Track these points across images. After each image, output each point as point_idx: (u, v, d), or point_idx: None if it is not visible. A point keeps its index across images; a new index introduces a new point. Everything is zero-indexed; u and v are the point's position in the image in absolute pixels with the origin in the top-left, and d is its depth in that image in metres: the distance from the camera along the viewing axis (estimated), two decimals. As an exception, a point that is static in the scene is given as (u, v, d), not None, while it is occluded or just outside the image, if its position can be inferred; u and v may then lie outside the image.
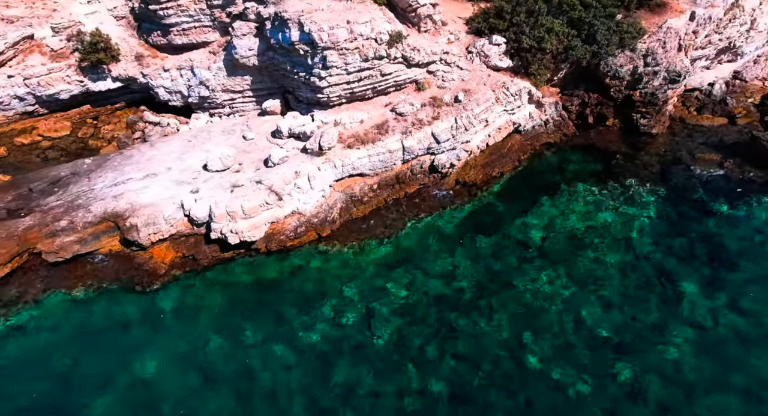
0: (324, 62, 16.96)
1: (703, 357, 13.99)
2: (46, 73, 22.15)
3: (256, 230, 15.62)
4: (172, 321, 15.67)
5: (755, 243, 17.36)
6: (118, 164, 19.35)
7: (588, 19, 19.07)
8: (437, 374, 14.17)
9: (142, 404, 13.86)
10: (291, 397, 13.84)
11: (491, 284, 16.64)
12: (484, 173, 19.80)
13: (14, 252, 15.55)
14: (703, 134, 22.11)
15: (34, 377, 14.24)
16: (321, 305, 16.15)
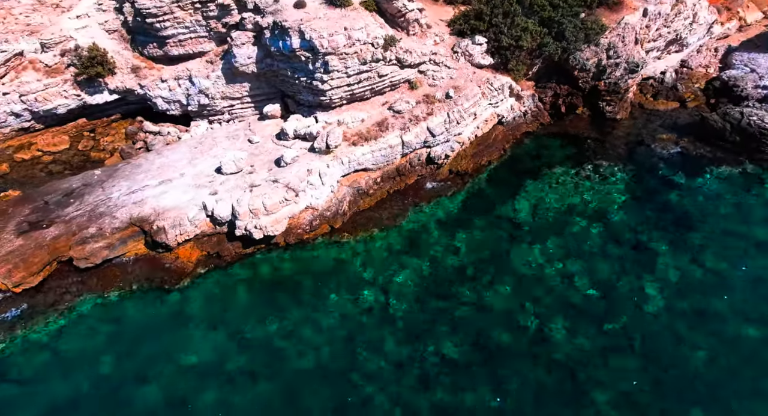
0: (326, 67, 18.22)
1: (674, 306, 16.21)
2: (43, 89, 22.39)
3: (278, 224, 16.78)
4: (204, 314, 16.62)
5: (710, 208, 19.85)
6: (129, 173, 19.95)
7: (557, 18, 21.10)
8: (451, 338, 15.77)
9: (188, 394, 14.80)
10: (324, 371, 15.10)
11: (490, 260, 18.39)
12: (474, 162, 21.57)
13: (45, 261, 16.10)
14: (659, 117, 24.65)
15: (82, 376, 14.93)
16: (340, 289, 17.45)
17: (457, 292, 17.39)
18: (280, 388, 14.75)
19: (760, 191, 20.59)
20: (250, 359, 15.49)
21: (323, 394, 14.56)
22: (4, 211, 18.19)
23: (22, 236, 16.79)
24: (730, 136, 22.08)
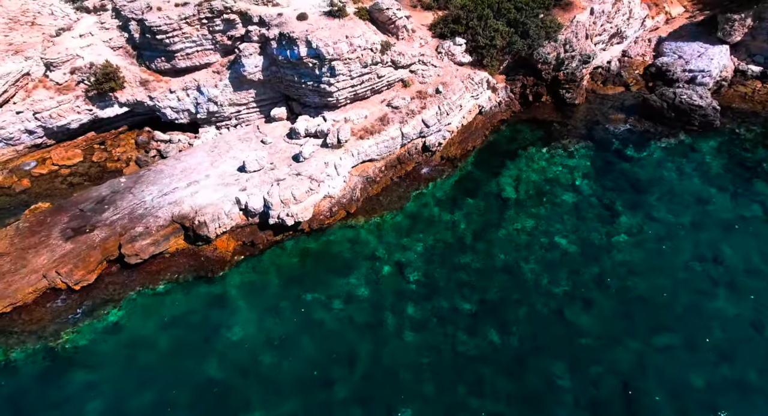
0: (332, 71, 20.32)
1: (636, 251, 19.51)
2: (57, 106, 23.22)
3: (305, 211, 18.81)
4: (246, 295, 18.45)
5: (656, 173, 23.43)
6: (153, 178, 21.29)
7: (521, 19, 24.09)
8: (460, 295, 18.35)
9: (244, 362, 16.67)
10: (357, 330, 17.32)
11: (484, 229, 21.11)
12: (461, 148, 24.28)
13: (99, 260, 17.43)
14: (609, 100, 28.25)
15: (145, 357, 16.48)
16: (361, 265, 19.67)
17: (460, 257, 20.01)
18: (322, 348, 16.81)
19: (693, 156, 24.45)
20: (292, 327, 17.46)
21: (359, 349, 16.77)
22: (43, 221, 19.20)
23: (71, 241, 17.97)
24: (667, 113, 25.88)
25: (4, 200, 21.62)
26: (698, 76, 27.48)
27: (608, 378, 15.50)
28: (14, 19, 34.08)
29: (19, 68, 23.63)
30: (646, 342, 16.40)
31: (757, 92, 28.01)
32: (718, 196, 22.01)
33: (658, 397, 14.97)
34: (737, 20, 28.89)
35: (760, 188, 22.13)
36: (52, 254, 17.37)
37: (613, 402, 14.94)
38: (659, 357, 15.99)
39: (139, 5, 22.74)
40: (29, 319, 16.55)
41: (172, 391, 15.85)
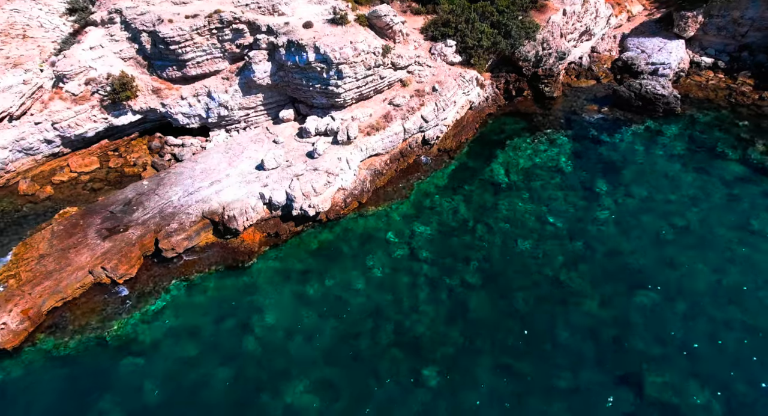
0: (339, 74, 22.00)
1: (616, 223, 21.95)
2: (74, 116, 24.09)
3: (325, 202, 20.47)
4: (273, 282, 19.97)
5: (628, 155, 26.01)
6: (174, 180, 22.51)
7: (504, 21, 26.31)
8: (467, 269, 20.34)
9: (278, 339, 18.19)
10: (378, 306, 19.07)
11: (482, 211, 23.18)
12: (456, 141, 26.33)
13: (139, 255, 18.66)
14: (583, 92, 30.85)
15: (188, 342, 17.85)
16: (375, 250, 21.43)
17: (463, 237, 22.01)
18: (347, 323, 18.47)
19: (659, 139, 27.20)
20: (318, 307, 18.99)
21: (381, 322, 18.55)
22: (76, 223, 20.24)
23: (108, 240, 19.12)
24: (635, 102, 28.61)
25: (31, 207, 22.43)
26: (659, 69, 30.35)
27: (600, 327, 17.80)
28: (4, 33, 34.59)
29: (33, 81, 24.39)
30: (629, 295, 18.80)
31: (710, 81, 31.12)
32: (682, 172, 24.76)
33: (642, 340, 17.33)
34: (690, 17, 31.94)
35: (717, 164, 25.01)
36: (93, 253, 18.49)
37: (606, 347, 17.23)
38: (641, 307, 18.39)
39: (150, 18, 23.83)
40: (80, 312, 17.68)
41: (216, 369, 17.27)
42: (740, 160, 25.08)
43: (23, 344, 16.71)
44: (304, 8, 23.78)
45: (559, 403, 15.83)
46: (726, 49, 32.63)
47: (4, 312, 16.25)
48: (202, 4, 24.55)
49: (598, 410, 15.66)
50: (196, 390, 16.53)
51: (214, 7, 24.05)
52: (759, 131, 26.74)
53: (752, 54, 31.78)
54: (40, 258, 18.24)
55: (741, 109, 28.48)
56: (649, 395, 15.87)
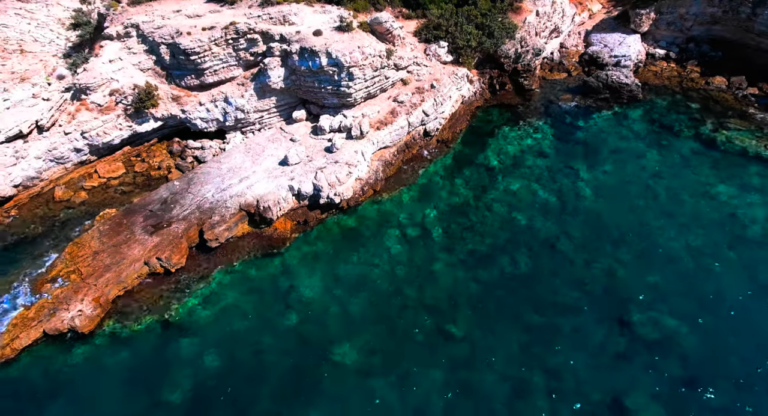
0: (350, 76, 24.20)
1: (596, 195, 25.03)
2: (101, 125, 25.39)
3: (348, 191, 22.68)
4: (306, 264, 22.03)
5: (601, 138, 29.28)
6: (203, 179, 24.20)
7: (487, 23, 29.10)
8: (474, 241, 22.89)
9: (317, 312, 20.27)
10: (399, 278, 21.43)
11: (481, 192, 25.84)
12: (451, 132, 28.96)
13: (186, 246, 20.39)
14: (557, 84, 34.02)
15: (236, 322, 19.76)
16: (392, 230, 23.77)
17: (467, 215, 24.60)
18: (376, 294, 20.73)
19: (625, 122, 30.56)
20: (348, 283, 21.19)
21: (406, 290, 20.94)
22: (120, 222, 21.74)
23: (155, 234, 20.76)
24: (603, 91, 31.96)
25: (68, 212, 23.67)
26: (621, 60, 33.89)
27: (593, 283, 20.79)
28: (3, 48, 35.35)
29: (60, 95, 25.52)
30: (614, 254, 21.90)
31: (664, 70, 34.90)
32: (647, 150, 28.20)
33: (626, 287, 20.41)
34: (644, 14, 35.64)
35: (675, 141, 28.59)
36: (144, 247, 20.11)
37: (601, 297, 20.22)
38: (622, 261, 21.51)
39: (168, 31, 25.34)
40: (140, 299, 19.32)
41: (265, 340, 19.28)
42: (694, 136, 28.75)
43: (96, 329, 18.25)
44: (312, 18, 25.82)
45: (563, 343, 18.68)
46: (675, 42, 36.52)
47: (77, 301, 17.76)
48: (215, 16, 26.21)
49: (595, 346, 18.59)
50: (251, 359, 18.52)
51: (227, 19, 25.77)
52: (707, 111, 30.56)
53: (697, 45, 35.79)
54: (94, 254, 19.71)
55: (692, 93, 32.28)
56: (636, 330, 18.93)
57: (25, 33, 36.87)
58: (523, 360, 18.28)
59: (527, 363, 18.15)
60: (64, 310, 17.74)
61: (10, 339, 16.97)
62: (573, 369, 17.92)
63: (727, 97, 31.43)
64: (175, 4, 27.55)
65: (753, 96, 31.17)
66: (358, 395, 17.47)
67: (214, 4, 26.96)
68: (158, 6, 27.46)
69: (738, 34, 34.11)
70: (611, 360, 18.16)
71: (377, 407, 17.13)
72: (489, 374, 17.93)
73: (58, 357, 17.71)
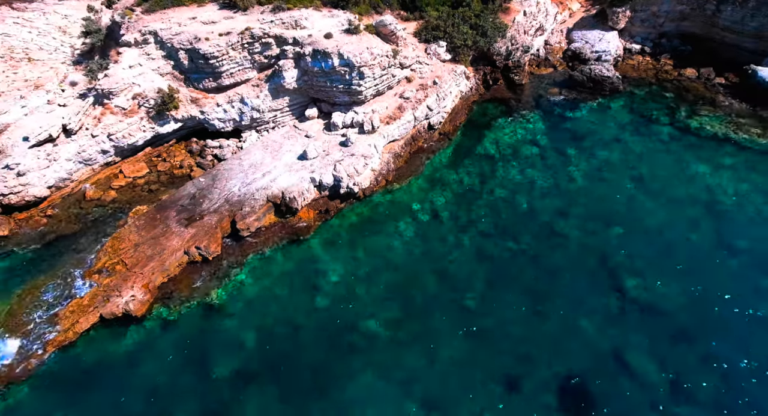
0: (361, 75, 25.76)
1: (587, 179, 27.17)
2: (126, 127, 26.43)
3: (365, 180, 24.28)
4: (329, 250, 23.52)
5: (587, 126, 31.47)
6: (227, 175, 25.48)
7: (480, 23, 30.99)
8: (481, 222, 24.68)
9: (343, 292, 21.81)
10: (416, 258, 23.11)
11: (483, 178, 27.72)
12: (452, 125, 30.78)
13: (221, 235, 21.72)
14: (545, 78, 36.14)
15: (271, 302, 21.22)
16: (405, 216, 25.42)
17: (472, 200, 26.41)
18: (396, 273, 22.38)
19: (609, 112, 32.83)
20: (369, 265, 22.73)
21: (422, 268, 22.65)
22: (154, 217, 22.92)
23: (190, 226, 22.03)
24: (587, 83, 34.20)
25: (100, 210, 24.70)
26: (602, 55, 36.21)
27: (588, 254, 22.87)
28: (6, 57, 36.05)
29: (84, 100, 26.45)
30: (606, 229, 24.05)
31: (641, 64, 37.37)
32: (630, 136, 30.51)
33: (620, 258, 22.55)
34: (620, 12, 38.03)
35: (654, 128, 30.96)
36: (181, 238, 21.37)
37: (594, 267, 22.30)
38: (615, 236, 23.66)
39: (186, 37, 26.48)
40: (183, 285, 20.61)
41: (299, 318, 20.80)
42: (670, 123, 31.20)
43: (145, 313, 19.50)
44: (321, 22, 27.27)
45: (565, 307, 20.70)
46: (649, 37, 39.05)
47: (128, 288, 18.99)
48: (229, 22, 27.45)
49: (594, 309, 20.65)
50: (287, 335, 20.03)
51: (241, 25, 27.04)
52: (681, 99, 33.08)
53: (669, 40, 38.38)
54: (135, 247, 20.91)
55: (666, 84, 34.79)
56: (630, 294, 21.08)
57: (28, 41, 37.45)
58: (532, 322, 20.23)
59: (535, 325, 20.11)
60: (117, 296, 18.93)
61: (71, 323, 18.11)
62: (575, 326, 19.95)
63: (697, 86, 34.02)
64: (189, 11, 28.64)
65: (720, 85, 33.83)
66: (389, 362, 19.14)
67: (227, 10, 28.15)
68: (173, 14, 28.51)
69: (705, 30, 36.79)
70: (608, 318, 20.26)
71: (407, 371, 18.83)
72: (502, 338, 19.82)
73: (113, 339, 18.92)
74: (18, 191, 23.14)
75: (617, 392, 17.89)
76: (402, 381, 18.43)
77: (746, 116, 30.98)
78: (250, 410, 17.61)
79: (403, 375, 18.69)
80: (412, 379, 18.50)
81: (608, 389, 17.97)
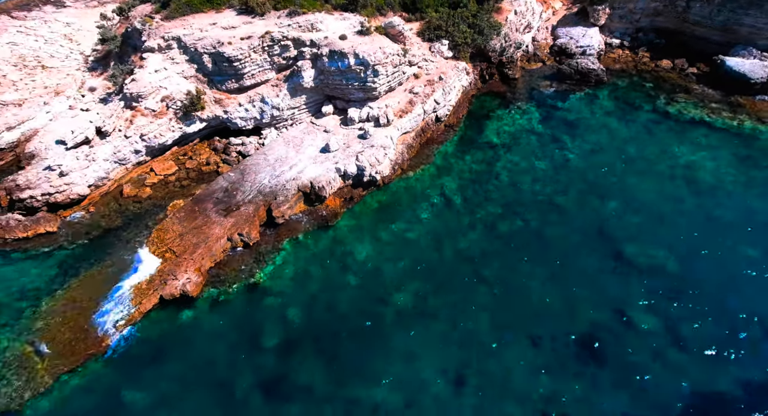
0: (375, 73, 27.46)
1: (581, 160, 29.47)
2: (157, 128, 27.58)
3: (386, 169, 26.02)
4: (355, 233, 25.14)
5: (577, 114, 33.84)
6: (255, 169, 26.90)
7: (477, 23, 33.00)
8: (489, 204, 26.68)
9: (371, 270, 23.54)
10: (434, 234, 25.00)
11: (488, 165, 29.75)
12: (455, 117, 32.72)
13: (258, 223, 23.18)
14: (536, 72, 38.38)
15: (307, 281, 22.84)
16: (420, 200, 27.24)
17: (479, 183, 28.43)
18: (417, 251, 24.18)
19: (596, 101, 35.25)
20: (392, 245, 24.51)
21: (442, 246, 24.51)
22: (193, 209, 24.25)
23: (229, 216, 23.45)
24: (575, 76, 36.57)
25: (139, 205, 25.86)
26: (587, 50, 38.65)
27: (588, 225, 25.11)
28: (20, 65, 36.83)
29: (116, 104, 27.47)
30: (601, 204, 26.35)
31: (621, 57, 39.94)
32: (617, 123, 32.96)
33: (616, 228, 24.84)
34: (600, 9, 40.55)
35: (637, 114, 33.48)
36: (223, 226, 22.78)
37: (597, 236, 24.55)
38: (610, 208, 25.97)
39: (210, 42, 27.75)
40: (228, 268, 22.04)
41: (335, 295, 22.45)
42: (651, 109, 33.78)
43: (199, 294, 20.90)
44: (335, 24, 28.85)
45: (572, 273, 22.86)
46: (627, 32, 41.71)
47: (182, 272, 20.36)
48: (248, 27, 28.80)
49: (598, 272, 22.87)
50: (324, 310, 21.68)
51: (260, 29, 28.44)
52: (660, 88, 35.73)
53: (645, 34, 41.09)
54: (180, 236, 22.25)
55: (645, 74, 37.42)
56: (628, 257, 23.38)
57: (37, 50, 38.10)
58: (544, 287, 22.35)
59: (547, 289, 22.22)
60: (173, 279, 20.28)
61: (136, 304, 19.42)
62: (581, 288, 22.14)
63: (673, 76, 36.74)
64: (208, 17, 29.87)
65: (693, 74, 36.61)
66: (419, 328, 20.98)
67: (245, 16, 29.48)
68: (193, 20, 29.69)
69: (677, 24, 39.61)
70: (610, 279, 22.52)
71: (437, 335, 20.69)
72: (519, 301, 21.86)
73: (171, 319, 20.28)
74: (63, 190, 24.15)
75: (622, 341, 20.12)
76: (433, 344, 20.30)
77: (717, 101, 33.79)
78: (299, 374, 19.22)
79: (434, 339, 20.56)
80: (442, 341, 20.39)
81: (614, 339, 20.20)
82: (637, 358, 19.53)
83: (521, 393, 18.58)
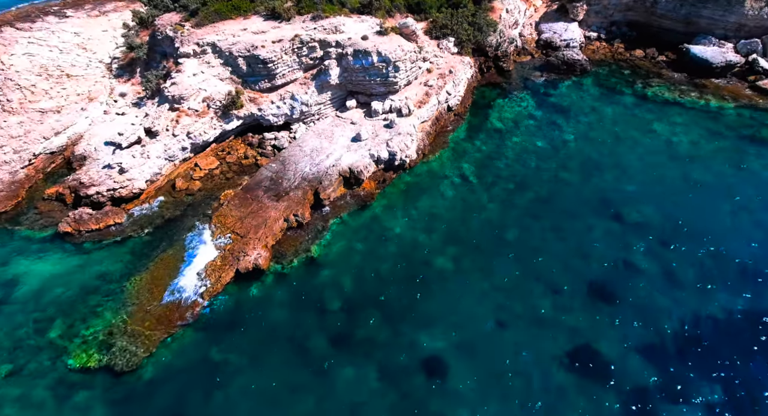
0: (396, 69, 29.74)
1: (577, 140, 32.64)
2: (201, 126, 29.16)
3: (414, 153, 28.44)
4: (390, 212, 27.48)
5: (568, 100, 37.00)
6: (294, 160, 28.85)
7: (476, 21, 35.66)
8: (502, 182, 29.47)
9: (408, 241, 26.03)
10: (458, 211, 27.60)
11: (497, 147, 32.55)
12: (463, 107, 35.36)
13: (309, 205, 25.25)
14: (527, 65, 41.41)
15: (356, 255, 25.10)
16: (442, 180, 29.80)
17: (492, 163, 31.24)
18: (446, 223, 26.75)
19: (583, 88, 38.49)
20: (423, 220, 27.03)
21: (467, 216, 27.14)
22: (245, 197, 26.10)
23: (281, 201, 25.42)
24: (562, 66, 39.73)
25: (191, 197, 27.48)
26: (570, 43, 41.87)
27: (590, 193, 28.21)
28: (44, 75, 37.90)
29: (154, 107, 28.85)
30: (599, 176, 29.50)
31: (599, 48, 43.37)
32: (603, 106, 36.28)
33: (614, 195, 28.01)
34: (578, 5, 43.85)
35: (620, 98, 36.90)
36: (277, 209, 24.76)
37: (596, 203, 27.65)
38: (607, 179, 29.15)
39: (244, 46, 29.44)
40: (286, 245, 24.07)
41: (380, 263, 24.77)
42: (632, 93, 37.25)
43: (267, 268, 22.88)
44: (355, 26, 30.96)
45: (580, 233, 25.90)
46: (603, 26, 45.19)
47: (252, 249, 22.31)
48: (277, 31, 30.60)
49: (603, 231, 25.94)
50: (374, 276, 23.98)
51: (289, 33, 30.28)
52: (636, 74, 39.27)
53: (619, 27, 44.66)
54: (240, 220, 24.12)
55: (622, 63, 40.92)
56: (627, 220, 26.56)
57: (56, 59, 38.95)
58: (558, 245, 25.29)
59: (561, 247, 25.18)
60: (245, 255, 22.19)
61: (216, 278, 21.27)
62: (590, 244, 25.20)
63: (646, 63, 40.35)
64: (236, 24, 31.48)
65: (663, 62, 40.29)
66: (459, 284, 23.55)
67: (272, 21, 31.25)
68: (223, 26, 31.26)
69: (646, 18, 43.30)
70: (614, 236, 25.64)
71: (475, 289, 23.33)
72: (539, 258, 24.72)
73: (244, 291, 22.21)
74: (126, 185, 25.58)
75: (629, 285, 23.23)
76: (473, 295, 22.94)
77: (685, 84, 37.55)
78: (361, 329, 21.53)
79: (473, 291, 23.20)
80: (480, 292, 23.03)
81: (623, 283, 23.29)
82: (641, 292, 22.67)
83: (550, 327, 21.43)
